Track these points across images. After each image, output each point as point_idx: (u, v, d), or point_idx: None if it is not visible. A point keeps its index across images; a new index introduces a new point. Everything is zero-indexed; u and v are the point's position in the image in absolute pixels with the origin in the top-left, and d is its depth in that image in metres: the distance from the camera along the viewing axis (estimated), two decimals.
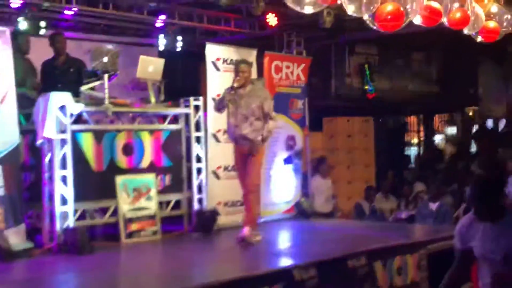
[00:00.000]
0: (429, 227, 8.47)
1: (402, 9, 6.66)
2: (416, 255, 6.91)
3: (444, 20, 7.21)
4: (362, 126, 11.94)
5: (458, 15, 7.25)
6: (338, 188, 11.18)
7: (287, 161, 9.11)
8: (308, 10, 6.30)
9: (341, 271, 6.05)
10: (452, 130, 18.02)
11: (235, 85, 6.87)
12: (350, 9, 6.56)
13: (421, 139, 17.32)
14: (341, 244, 6.86)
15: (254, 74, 8.66)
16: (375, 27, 6.85)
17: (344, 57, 12.14)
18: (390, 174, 12.14)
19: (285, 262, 6.19)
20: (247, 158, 6.86)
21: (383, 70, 13.07)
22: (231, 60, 8.36)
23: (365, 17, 6.71)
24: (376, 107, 12.70)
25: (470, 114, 16.85)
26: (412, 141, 17.31)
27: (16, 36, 7.40)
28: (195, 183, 7.85)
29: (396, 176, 12.67)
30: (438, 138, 17.92)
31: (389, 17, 6.65)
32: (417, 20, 6.99)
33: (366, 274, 6.31)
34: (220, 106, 7.06)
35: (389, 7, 6.62)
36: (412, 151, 17.18)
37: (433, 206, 9.07)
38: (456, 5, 7.19)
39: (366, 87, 12.24)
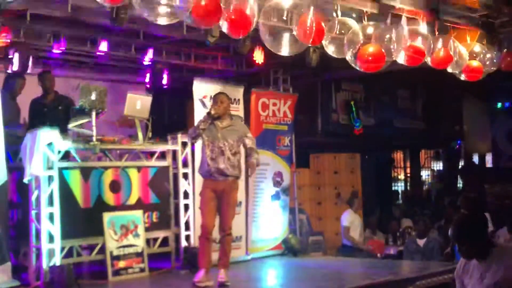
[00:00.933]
0: (417, 263, 8.47)
1: (383, 50, 6.78)
2: None
3: (428, 59, 7.33)
4: (349, 162, 11.99)
5: (441, 54, 7.38)
6: (326, 224, 11.19)
7: (275, 197, 9.12)
8: (285, 51, 6.42)
9: None
10: (438, 165, 18.15)
11: (212, 112, 6.58)
12: (331, 50, 6.70)
13: (408, 174, 17.41)
14: (330, 281, 6.84)
15: (241, 111, 8.74)
16: (357, 67, 6.95)
17: (330, 94, 12.24)
18: (378, 210, 12.16)
19: None
20: (221, 196, 6.54)
21: (369, 107, 13.19)
22: None
23: (347, 57, 6.82)
24: (362, 143, 12.77)
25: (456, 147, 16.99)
26: (399, 177, 17.40)
27: (8, 79, 7.46)
28: (182, 219, 7.84)
29: (384, 212, 12.69)
30: (424, 174, 18.02)
31: (370, 58, 6.77)
32: (401, 59, 7.10)
33: None
34: (194, 134, 6.68)
35: (370, 49, 6.74)
36: (399, 187, 17.24)
37: (421, 242, 9.08)
38: (439, 45, 7.31)
39: (353, 123, 12.33)
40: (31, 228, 6.57)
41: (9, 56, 7.81)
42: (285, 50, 6.34)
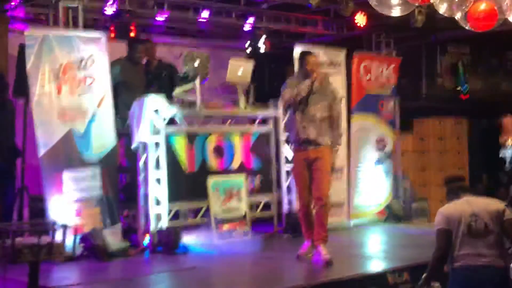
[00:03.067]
0: None
1: (496, 7, 6.43)
2: None
3: None
4: (455, 128, 11.56)
5: None
6: (430, 191, 10.88)
7: (378, 162, 8.97)
8: (396, 12, 6.19)
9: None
10: None
11: (316, 82, 6.01)
12: (442, 9, 6.39)
13: None
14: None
15: (343, 75, 8.61)
16: (467, 27, 6.64)
17: (435, 57, 11.79)
18: (485, 177, 11.70)
19: (378, 266, 6.08)
20: (312, 163, 6.05)
21: (476, 70, 12.62)
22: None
23: (457, 16, 6.51)
24: (469, 108, 12.26)
25: None
26: (507, 143, 16.64)
27: (130, 44, 7.69)
28: (284, 184, 7.86)
29: (491, 178, 12.19)
30: None
31: (482, 16, 6.44)
32: None
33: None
34: (292, 102, 6.09)
35: (482, 6, 6.42)
36: (508, 153, 16.50)
37: None
38: None
39: (459, 87, 11.85)
40: (139, 192, 6.80)
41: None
42: (393, 10, 6.12)
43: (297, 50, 8.17)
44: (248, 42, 9.68)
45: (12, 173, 7.18)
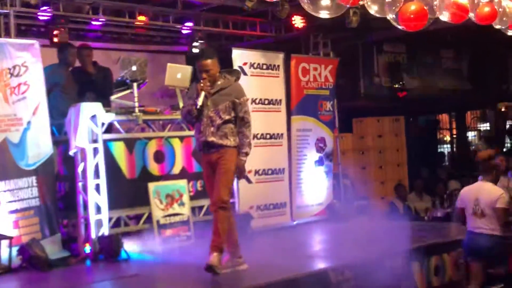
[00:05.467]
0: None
1: (425, 7, 6.60)
2: (454, 253, 6.82)
3: (472, 15, 7.11)
4: (393, 126, 11.83)
5: (486, 10, 7.15)
6: (371, 189, 11.09)
7: (318, 163, 9.08)
8: (324, 14, 6.27)
9: (377, 272, 5.98)
10: (485, 126, 17.76)
11: (203, 89, 5.54)
12: (373, 9, 6.53)
13: (454, 136, 17.10)
14: (377, 245, 6.77)
15: (281, 77, 8.69)
16: (400, 27, 6.80)
17: (372, 56, 12.04)
18: (424, 172, 11.99)
19: (321, 264, 6.15)
20: (214, 167, 5.65)
21: (413, 68, 12.94)
22: (258, 64, 8.40)
23: (389, 16, 6.66)
24: (406, 106, 12.56)
25: (503, 109, 16.57)
26: (445, 139, 17.10)
27: (61, 49, 7.54)
28: None
29: (430, 174, 12.51)
30: (471, 135, 17.68)
31: (412, 16, 6.60)
32: (445, 17, 6.90)
33: (403, 275, 6.24)
34: (188, 118, 5.76)
35: (412, 7, 6.58)
36: (445, 149, 16.97)
37: None
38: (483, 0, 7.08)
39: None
40: (78, 200, 6.69)
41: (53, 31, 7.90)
42: (324, 12, 6.20)
43: (235, 53, 8.21)
44: (193, 45, 9.61)
45: None
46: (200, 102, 5.54)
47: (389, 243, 6.87)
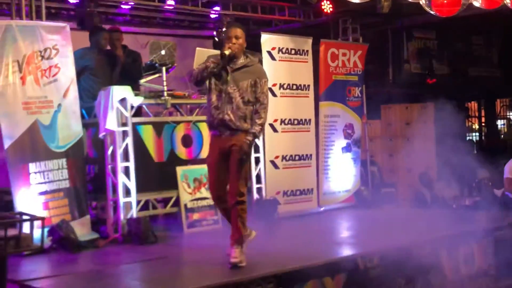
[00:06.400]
0: (495, 214, 8.24)
1: None
2: (483, 242, 6.75)
3: (507, 1, 6.98)
4: (421, 113, 11.69)
5: None
6: (398, 176, 11.01)
7: (346, 149, 9.03)
8: None
9: (405, 260, 5.95)
10: None
11: (226, 52, 5.18)
12: None
13: (483, 124, 16.89)
14: (405, 233, 6.74)
15: (310, 63, 8.63)
16: (432, 12, 6.70)
17: (401, 42, 11.91)
18: (453, 160, 11.81)
19: (349, 251, 6.13)
20: (228, 154, 5.25)
21: (442, 55, 12.77)
22: (287, 49, 8.34)
23: (422, 2, 6.57)
24: (435, 93, 12.42)
25: None
26: (474, 127, 16.90)
27: (92, 32, 7.58)
28: (254, 172, 7.86)
29: (458, 162, 12.35)
30: (500, 123, 17.45)
31: (445, 1, 6.51)
32: (477, 2, 6.79)
33: (432, 263, 6.20)
34: (198, 77, 5.26)
35: None
36: (474, 137, 16.76)
37: (498, 192, 8.83)
38: None
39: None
40: (107, 182, 6.74)
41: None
42: None
43: (264, 38, 8.18)
44: (219, 30, 9.60)
45: None
46: (227, 52, 5.15)
47: (417, 231, 6.83)
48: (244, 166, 5.26)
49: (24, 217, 4.82)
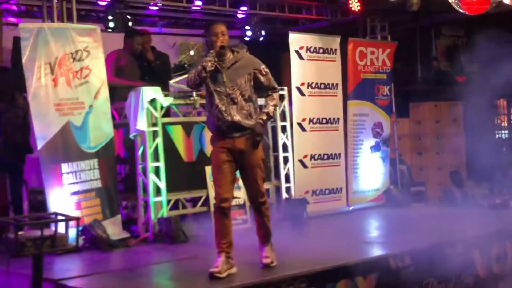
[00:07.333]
0: None
1: None
2: None
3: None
4: (450, 111, 11.61)
5: None
6: (427, 175, 10.94)
7: (375, 148, 8.99)
8: None
9: (437, 259, 5.91)
10: None
11: (218, 46, 4.99)
12: None
13: None
14: (436, 232, 6.69)
15: (338, 61, 8.60)
16: (460, 10, 6.64)
17: (430, 40, 11.80)
18: (483, 159, 11.69)
19: (380, 250, 6.10)
20: (240, 157, 5.08)
21: (471, 52, 12.63)
22: (315, 48, 8.33)
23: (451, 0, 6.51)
24: (465, 91, 12.29)
25: None
26: (502, 124, 16.68)
27: (127, 34, 7.66)
28: (282, 172, 7.87)
29: (488, 160, 12.21)
30: None
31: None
32: (507, 0, 6.71)
33: (464, 263, 6.14)
34: (197, 80, 5.02)
35: None
36: (503, 135, 16.54)
37: None
38: None
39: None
40: (138, 182, 6.80)
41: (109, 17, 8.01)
42: None
43: (292, 37, 8.17)
44: (248, 30, 9.62)
45: (20, 169, 7.15)
46: (211, 64, 4.94)
47: (448, 230, 6.78)
48: (260, 167, 5.15)
49: (59, 217, 4.88)
